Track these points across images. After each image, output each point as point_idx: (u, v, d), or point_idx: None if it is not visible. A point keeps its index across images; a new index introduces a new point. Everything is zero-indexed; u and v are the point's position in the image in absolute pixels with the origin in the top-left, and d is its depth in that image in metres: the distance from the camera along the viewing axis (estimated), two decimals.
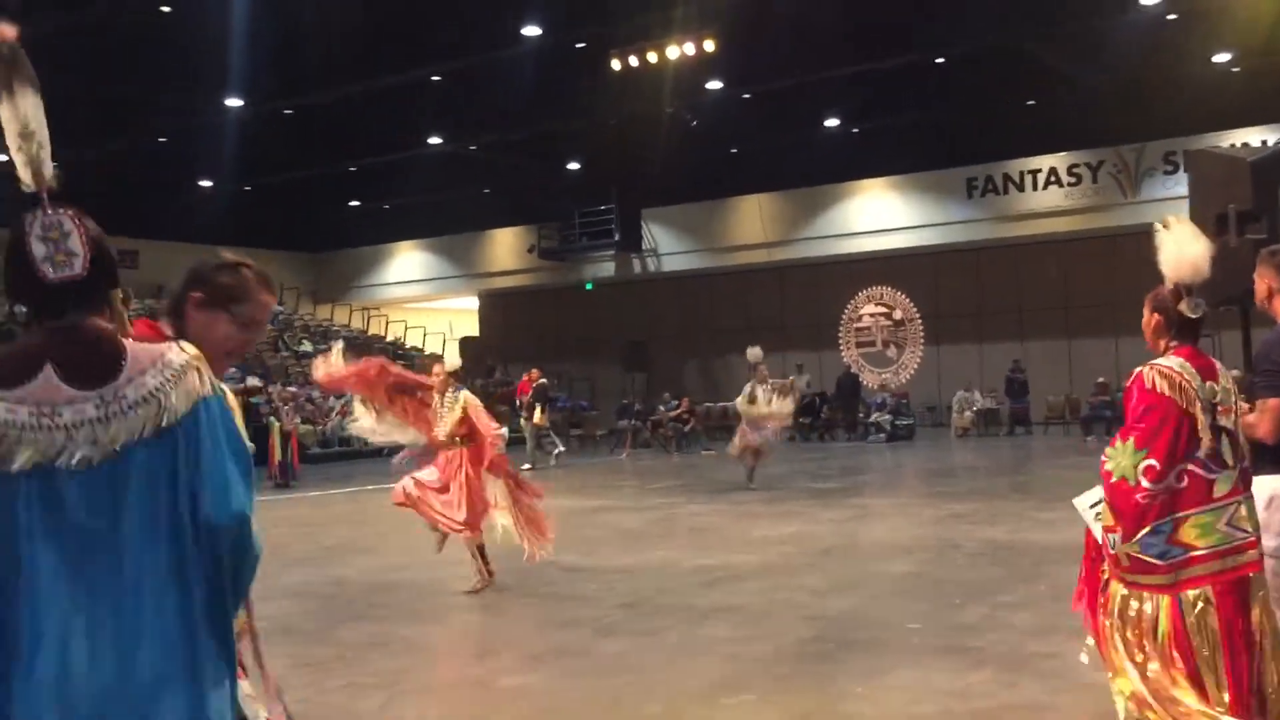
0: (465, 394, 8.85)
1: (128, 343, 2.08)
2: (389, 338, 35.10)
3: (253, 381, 26.79)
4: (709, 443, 24.69)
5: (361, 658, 6.52)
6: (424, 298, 36.65)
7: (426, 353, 34.51)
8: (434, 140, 27.44)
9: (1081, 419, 23.91)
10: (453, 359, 9.82)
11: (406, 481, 8.85)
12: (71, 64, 20.92)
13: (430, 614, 7.92)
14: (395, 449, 9.68)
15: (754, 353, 15.55)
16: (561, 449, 23.02)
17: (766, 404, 14.89)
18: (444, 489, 8.71)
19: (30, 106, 2.09)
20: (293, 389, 25.30)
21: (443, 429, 8.65)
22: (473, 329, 36.42)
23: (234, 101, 23.84)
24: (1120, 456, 3.52)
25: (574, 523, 12.43)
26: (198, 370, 2.09)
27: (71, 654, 1.95)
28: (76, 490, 1.99)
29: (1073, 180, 26.09)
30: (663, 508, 13.56)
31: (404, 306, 36.73)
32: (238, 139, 25.68)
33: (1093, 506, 3.77)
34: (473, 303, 36.76)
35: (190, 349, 2.14)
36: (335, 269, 36.86)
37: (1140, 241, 19.68)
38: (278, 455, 19.23)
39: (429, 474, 8.81)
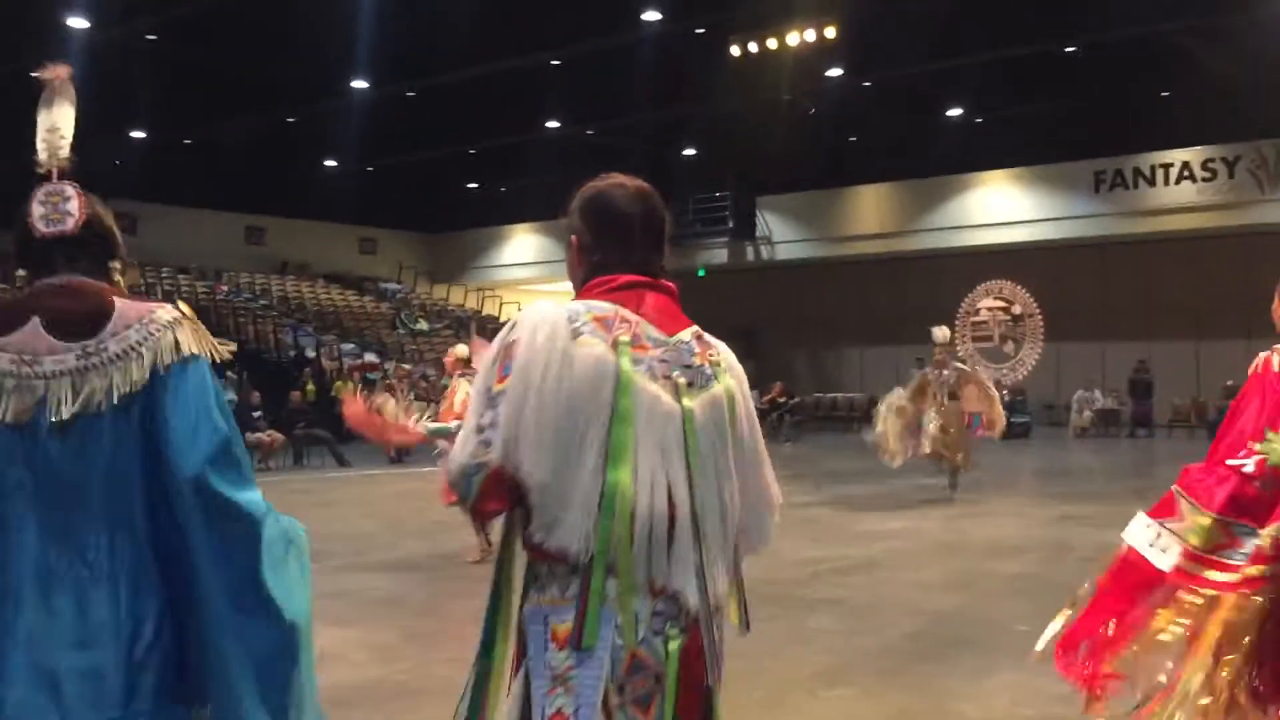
0: (464, 382, 9.13)
1: (117, 299, 2.14)
2: (503, 319, 35.55)
3: (370, 358, 27.40)
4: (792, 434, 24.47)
5: (466, 632, 6.61)
6: (538, 280, 36.99)
7: None
8: (551, 124, 27.66)
9: (1209, 423, 23.08)
10: (462, 346, 10.06)
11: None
12: (203, 47, 21.64)
13: None
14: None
15: (940, 332, 13.20)
16: None
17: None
18: None
19: (62, 115, 2.31)
20: (408, 366, 25.78)
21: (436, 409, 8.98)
22: None
23: (360, 83, 24.36)
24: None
25: None
26: (188, 329, 2.15)
27: (39, 609, 1.99)
28: (59, 446, 2.03)
29: (1207, 175, 25.15)
30: None
31: (518, 288, 37.14)
32: (362, 120, 26.24)
33: (1153, 544, 3.49)
34: None
35: (185, 310, 2.20)
36: (452, 250, 37.43)
37: (1276, 240, 19.04)
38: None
39: None
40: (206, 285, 30.36)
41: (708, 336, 2.27)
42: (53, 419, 2.03)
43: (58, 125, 2.31)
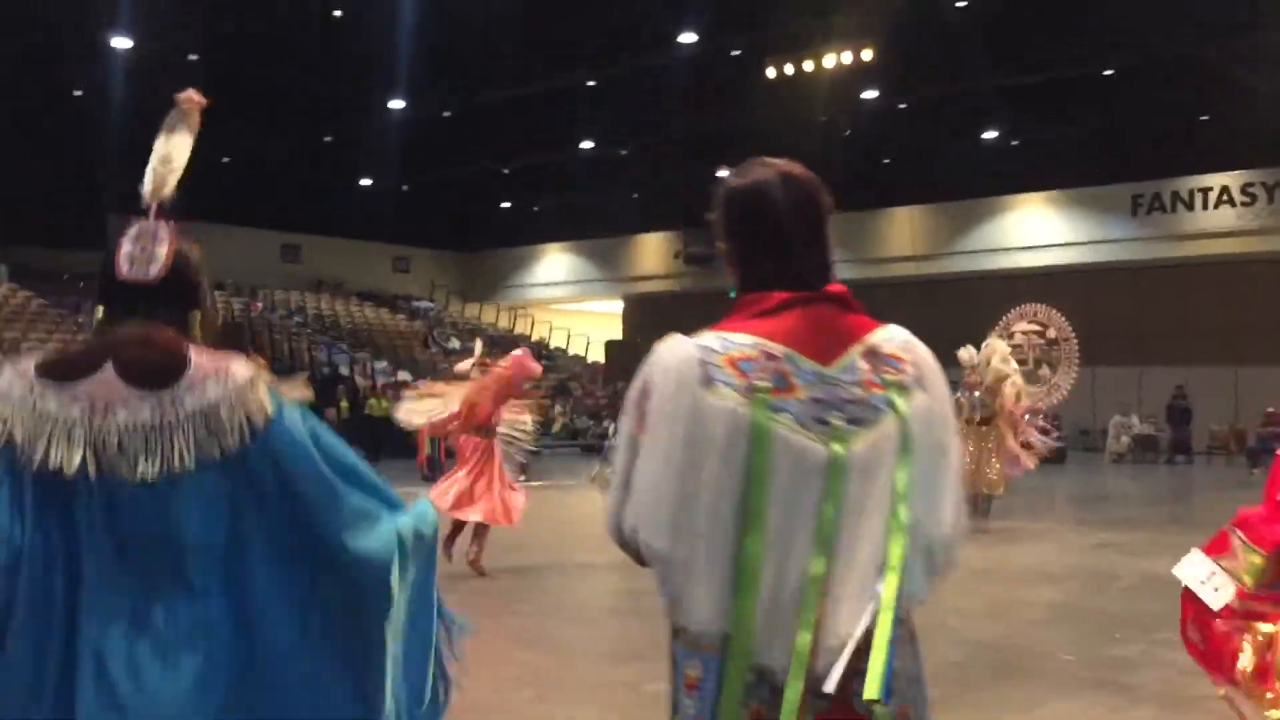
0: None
1: (193, 349, 2.00)
2: (534, 337, 35.65)
3: (403, 376, 27.50)
4: None
5: (512, 653, 6.61)
6: (570, 299, 37.13)
7: (570, 353, 34.99)
8: (585, 144, 27.77)
9: (1248, 450, 22.82)
10: (478, 349, 10.31)
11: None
12: (243, 65, 21.87)
13: (578, 614, 7.99)
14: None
15: (965, 354, 12.92)
16: None
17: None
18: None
19: (179, 145, 2.20)
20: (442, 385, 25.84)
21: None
22: (616, 332, 36.73)
23: (397, 104, 24.55)
24: None
25: None
26: (264, 384, 1.99)
27: (121, 672, 1.86)
28: (131, 505, 1.90)
29: (1246, 200, 24.97)
30: None
31: (550, 307, 37.27)
32: (398, 139, 26.46)
33: (1206, 581, 3.41)
34: (617, 306, 37.07)
35: (259, 362, 2.06)
36: (485, 268, 37.61)
37: None
38: (426, 449, 19.62)
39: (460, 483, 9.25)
40: (242, 302, 30.64)
41: (889, 345, 1.89)
42: (125, 476, 1.89)
43: (172, 157, 2.19)
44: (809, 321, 1.85)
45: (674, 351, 1.83)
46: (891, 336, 1.90)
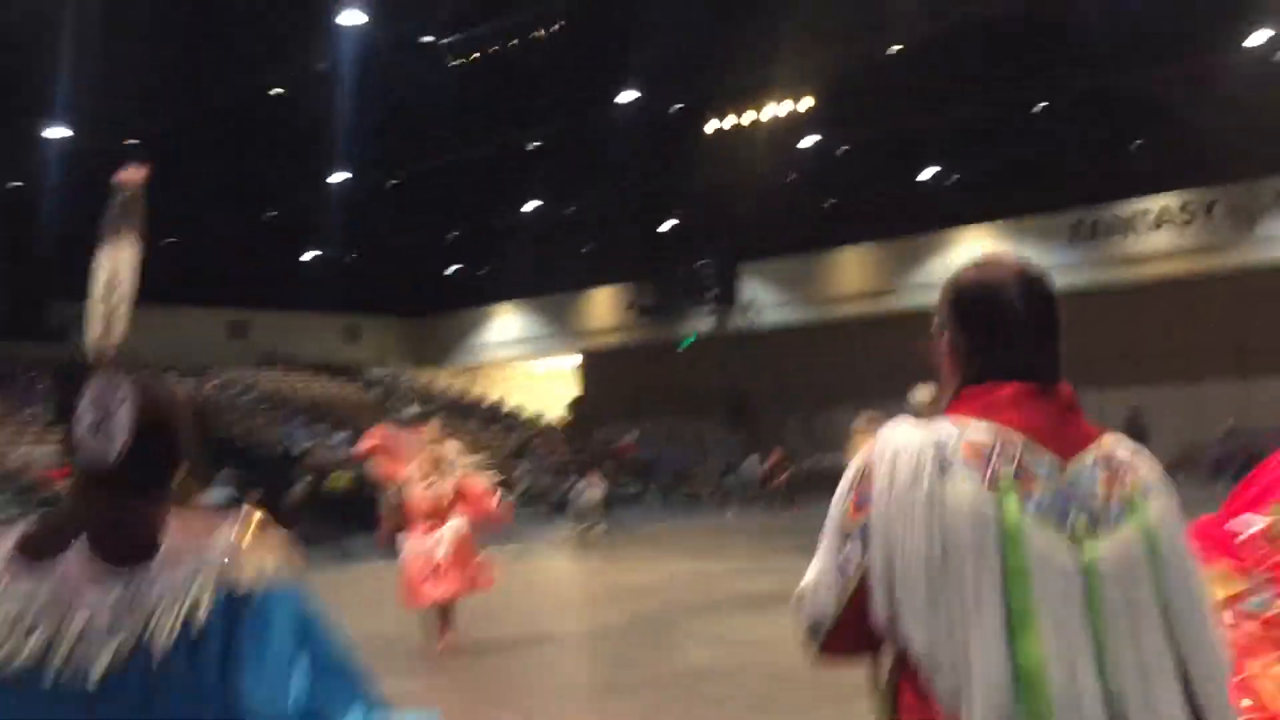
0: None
1: (174, 518, 1.78)
2: (491, 398, 35.46)
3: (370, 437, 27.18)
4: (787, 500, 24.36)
5: None
6: (524, 357, 37.02)
7: (526, 414, 34.83)
8: (532, 204, 27.84)
9: (1207, 465, 23.07)
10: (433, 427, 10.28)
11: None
12: (182, 147, 21.73)
13: (576, 694, 7.87)
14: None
15: (923, 392, 13.17)
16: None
17: None
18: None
19: (126, 260, 1.93)
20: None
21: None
22: (574, 388, 36.65)
23: (340, 175, 24.48)
24: None
25: (698, 589, 12.37)
26: (257, 553, 1.76)
27: None
28: (97, 696, 1.66)
29: (1186, 219, 25.45)
30: (782, 570, 13.25)
31: (505, 366, 37.11)
32: (343, 210, 26.37)
33: None
34: (573, 361, 37.01)
35: (255, 521, 1.82)
36: (437, 332, 37.43)
37: (1263, 278, 19.20)
38: (391, 523, 19.37)
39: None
40: (192, 383, 30.17)
41: (1121, 450, 1.79)
42: (88, 672, 1.66)
43: (119, 280, 1.91)
44: (1045, 416, 1.76)
45: (905, 437, 1.72)
46: (1122, 443, 1.81)
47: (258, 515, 1.84)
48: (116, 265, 1.93)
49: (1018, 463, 1.68)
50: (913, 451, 1.69)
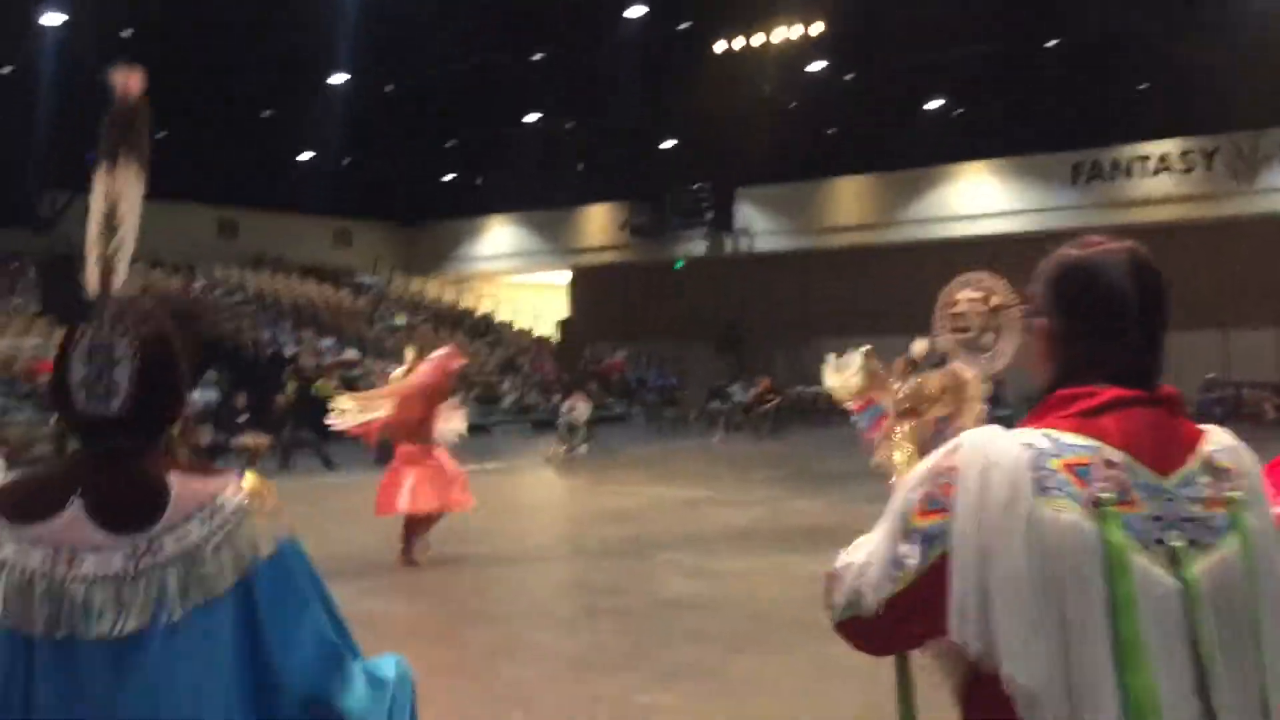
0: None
1: (175, 478, 1.66)
2: (480, 311, 35.40)
3: (349, 353, 27.19)
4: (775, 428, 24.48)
5: (491, 666, 6.57)
6: (515, 271, 36.89)
7: (515, 328, 34.82)
8: (531, 117, 27.50)
9: (1189, 415, 23.25)
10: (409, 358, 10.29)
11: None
12: (179, 41, 21.32)
13: (555, 617, 7.95)
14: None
15: (919, 347, 12.49)
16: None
17: None
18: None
19: (128, 188, 1.77)
20: (392, 370, 25.58)
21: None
22: (563, 304, 36.59)
23: (339, 78, 24.10)
24: None
25: (680, 516, 12.46)
26: (263, 516, 1.69)
27: None
28: (101, 670, 1.58)
29: (1185, 167, 25.36)
30: (767, 502, 13.49)
31: (496, 280, 36.99)
32: (340, 113, 26.01)
33: None
34: (564, 278, 36.89)
35: (253, 482, 1.72)
36: (428, 241, 37.20)
37: (1256, 230, 19.13)
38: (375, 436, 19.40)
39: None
40: (181, 279, 30.01)
41: (1223, 457, 1.65)
42: (94, 636, 1.57)
43: (119, 216, 1.76)
44: (1145, 426, 1.62)
45: (1001, 450, 1.57)
46: (1223, 446, 1.67)
47: (256, 476, 1.74)
48: (116, 200, 1.76)
49: (1119, 481, 1.56)
50: (1008, 467, 1.55)
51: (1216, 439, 1.67)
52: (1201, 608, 1.54)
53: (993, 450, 1.57)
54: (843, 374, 10.39)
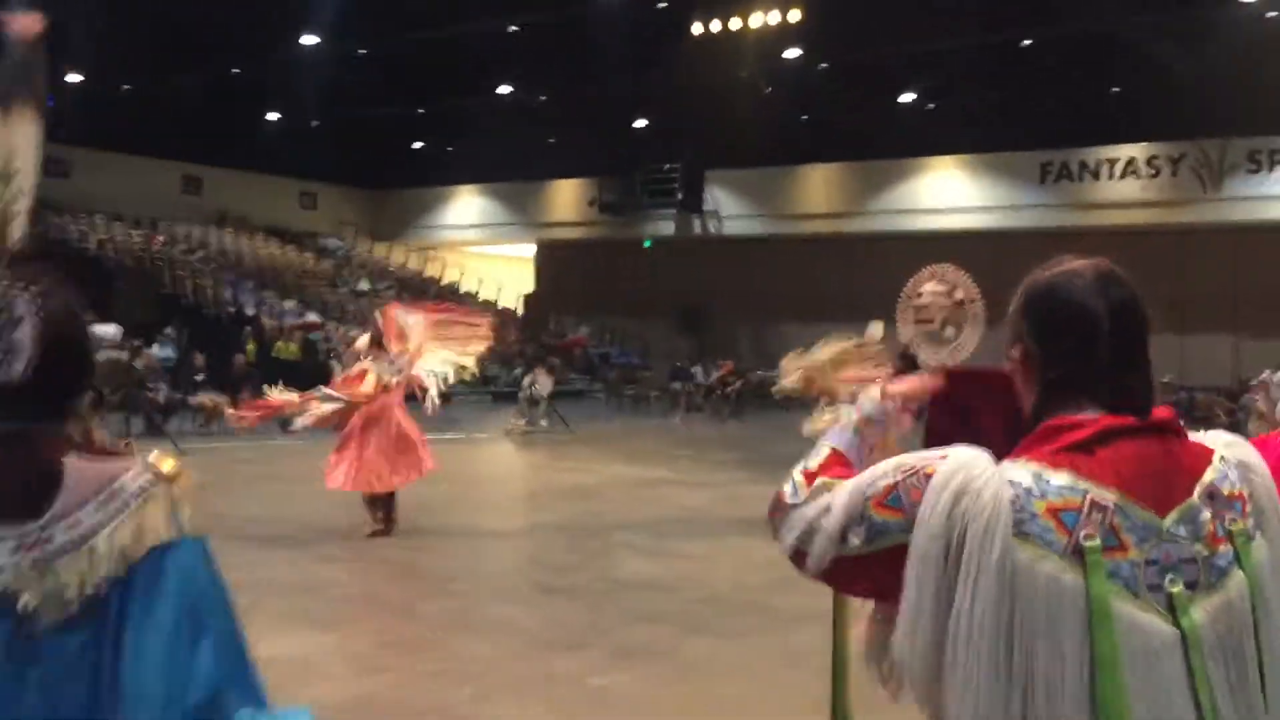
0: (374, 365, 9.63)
1: (71, 461, 1.49)
2: (444, 280, 35.19)
3: (311, 317, 26.97)
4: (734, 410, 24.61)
5: (446, 640, 6.56)
6: (481, 242, 36.70)
7: (481, 299, 34.66)
8: (503, 89, 27.31)
9: None
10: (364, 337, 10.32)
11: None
12: None
13: (511, 593, 7.94)
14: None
15: (876, 329, 12.17)
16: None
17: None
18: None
19: (24, 139, 1.64)
20: (355, 333, 25.38)
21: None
22: (528, 278, 36.45)
23: (310, 39, 23.80)
24: None
25: (638, 496, 12.49)
26: (167, 501, 1.50)
27: None
28: None
29: (1152, 172, 25.61)
30: (725, 484, 13.54)
31: (461, 250, 36.78)
32: (311, 75, 25.66)
33: None
34: (529, 251, 36.74)
35: (168, 467, 1.54)
36: (395, 207, 36.91)
37: (1218, 238, 19.38)
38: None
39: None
40: (142, 234, 29.62)
41: (1228, 484, 1.55)
42: None
43: (14, 165, 1.62)
44: (1139, 460, 1.51)
45: (983, 480, 1.47)
46: (1229, 468, 1.56)
47: (166, 457, 1.56)
48: (11, 149, 1.62)
49: (1108, 527, 1.45)
50: (987, 501, 1.45)
51: (1220, 464, 1.56)
52: (1201, 655, 1.45)
53: (974, 477, 1.48)
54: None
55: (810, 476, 1.69)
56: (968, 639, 1.43)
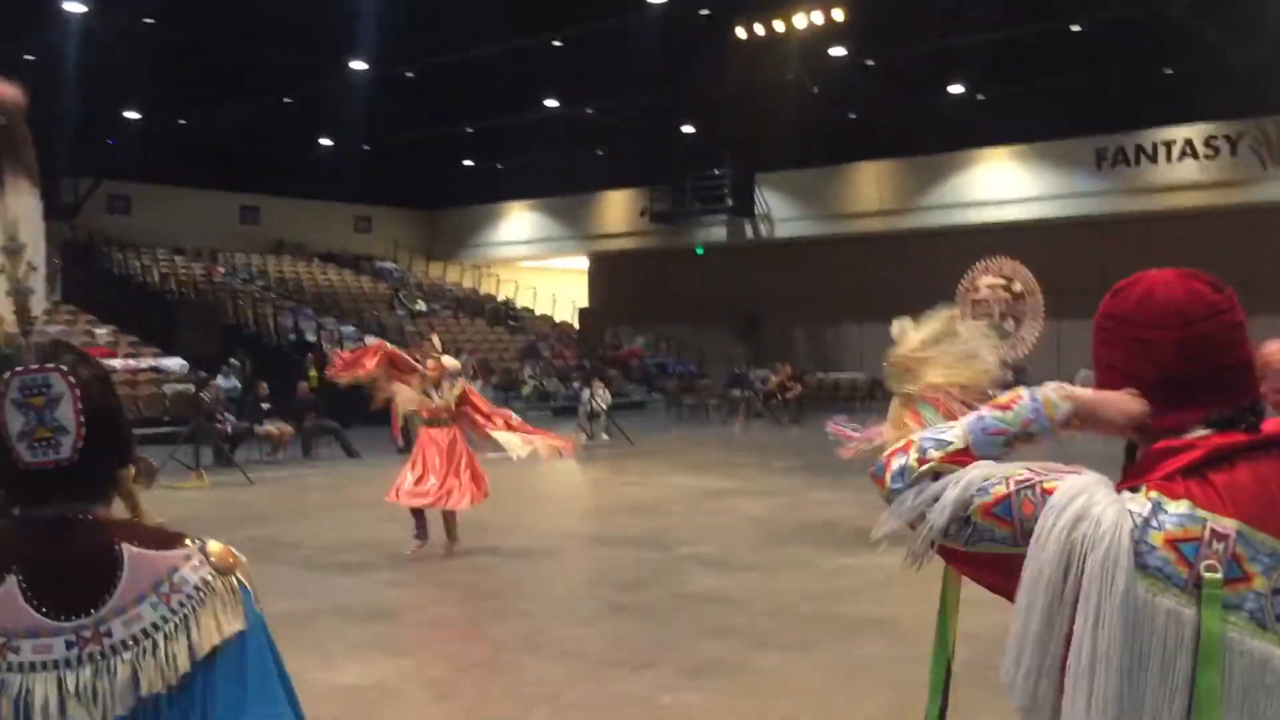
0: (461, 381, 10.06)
1: (129, 549, 1.44)
2: (500, 297, 35.43)
3: (370, 340, 27.20)
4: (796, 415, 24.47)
5: (518, 662, 6.59)
6: (534, 257, 36.88)
7: (537, 313, 34.85)
8: (550, 102, 27.48)
9: None
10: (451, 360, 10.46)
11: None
12: (200, 29, 21.35)
13: (579, 612, 7.97)
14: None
15: (897, 328, 10.68)
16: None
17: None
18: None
19: (25, 209, 1.60)
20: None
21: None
22: (582, 290, 36.59)
23: (358, 64, 24.12)
24: None
25: (702, 508, 12.48)
26: (227, 593, 1.47)
27: None
28: None
29: (1209, 153, 25.09)
30: (788, 492, 13.49)
31: (515, 266, 37.01)
32: (360, 100, 26.05)
33: None
34: (582, 264, 36.87)
35: (218, 553, 1.50)
36: (448, 227, 37.23)
37: (1275, 217, 18.61)
38: (400, 420, 19.46)
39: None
40: (202, 266, 30.16)
41: None
42: None
43: (20, 240, 1.58)
44: (1258, 483, 1.44)
45: (1104, 506, 1.43)
46: None
47: (219, 545, 1.52)
48: (13, 222, 1.58)
49: (1230, 558, 1.40)
50: (1107, 529, 1.41)
51: None
52: None
53: (1095, 503, 1.43)
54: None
55: (923, 463, 1.58)
56: (1089, 672, 1.40)
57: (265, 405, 18.75)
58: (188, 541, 1.50)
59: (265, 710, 1.46)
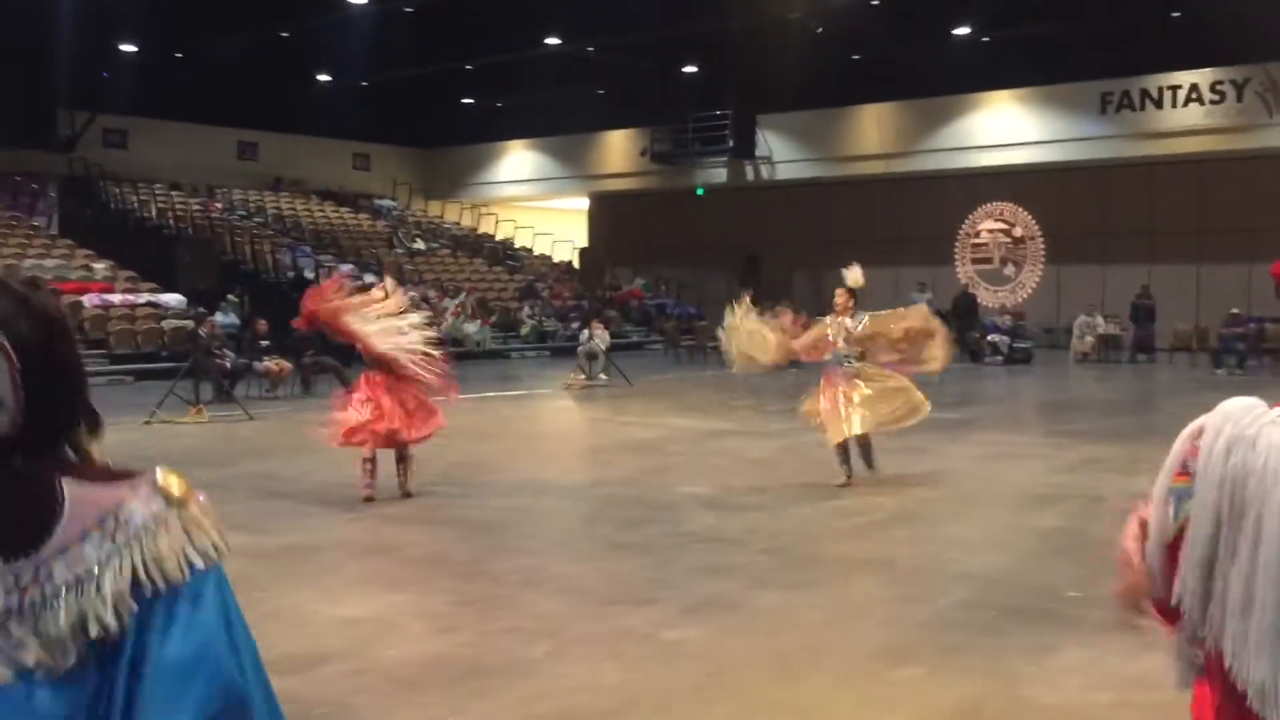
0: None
1: (70, 485, 1.32)
2: (499, 237, 35.30)
3: (369, 279, 27.12)
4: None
5: (518, 597, 6.64)
6: (534, 197, 36.70)
7: (536, 253, 34.72)
8: (551, 40, 27.17)
9: (1212, 350, 23.11)
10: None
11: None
12: None
13: (579, 550, 8.03)
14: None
15: (853, 275, 11.07)
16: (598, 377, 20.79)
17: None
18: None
19: None
20: (412, 293, 25.54)
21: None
22: (582, 230, 36.44)
23: None
24: None
25: (701, 449, 12.52)
26: (177, 526, 1.32)
27: None
28: None
29: (1215, 98, 24.91)
30: (787, 434, 13.49)
31: (514, 205, 36.83)
32: (359, 35, 25.76)
33: None
34: (582, 204, 36.69)
35: (178, 489, 1.34)
36: (447, 165, 37.00)
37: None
38: None
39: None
40: (200, 202, 29.99)
41: None
42: None
43: None
44: None
45: (1254, 425, 1.45)
46: None
47: (176, 477, 1.37)
48: None
49: None
50: (1261, 450, 1.42)
51: None
52: None
53: (1245, 426, 1.45)
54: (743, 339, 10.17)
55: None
56: (1237, 589, 1.43)
57: (264, 342, 18.72)
58: (137, 475, 1.36)
59: (195, 676, 1.28)
